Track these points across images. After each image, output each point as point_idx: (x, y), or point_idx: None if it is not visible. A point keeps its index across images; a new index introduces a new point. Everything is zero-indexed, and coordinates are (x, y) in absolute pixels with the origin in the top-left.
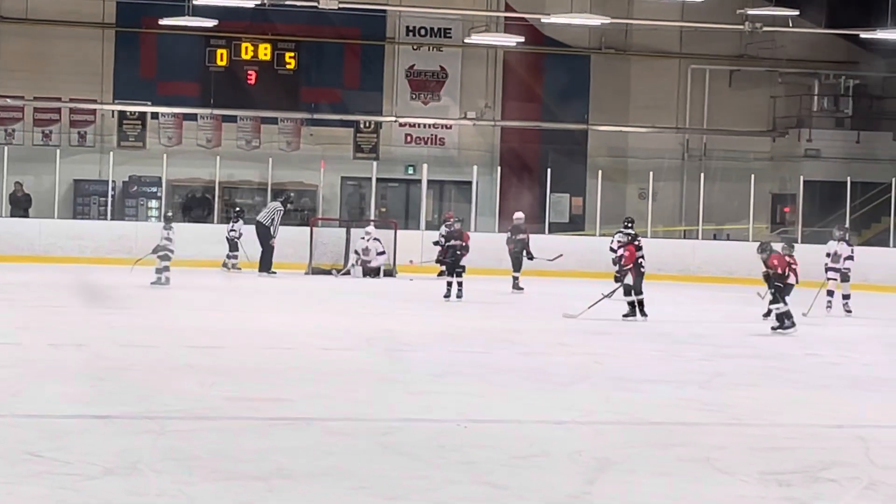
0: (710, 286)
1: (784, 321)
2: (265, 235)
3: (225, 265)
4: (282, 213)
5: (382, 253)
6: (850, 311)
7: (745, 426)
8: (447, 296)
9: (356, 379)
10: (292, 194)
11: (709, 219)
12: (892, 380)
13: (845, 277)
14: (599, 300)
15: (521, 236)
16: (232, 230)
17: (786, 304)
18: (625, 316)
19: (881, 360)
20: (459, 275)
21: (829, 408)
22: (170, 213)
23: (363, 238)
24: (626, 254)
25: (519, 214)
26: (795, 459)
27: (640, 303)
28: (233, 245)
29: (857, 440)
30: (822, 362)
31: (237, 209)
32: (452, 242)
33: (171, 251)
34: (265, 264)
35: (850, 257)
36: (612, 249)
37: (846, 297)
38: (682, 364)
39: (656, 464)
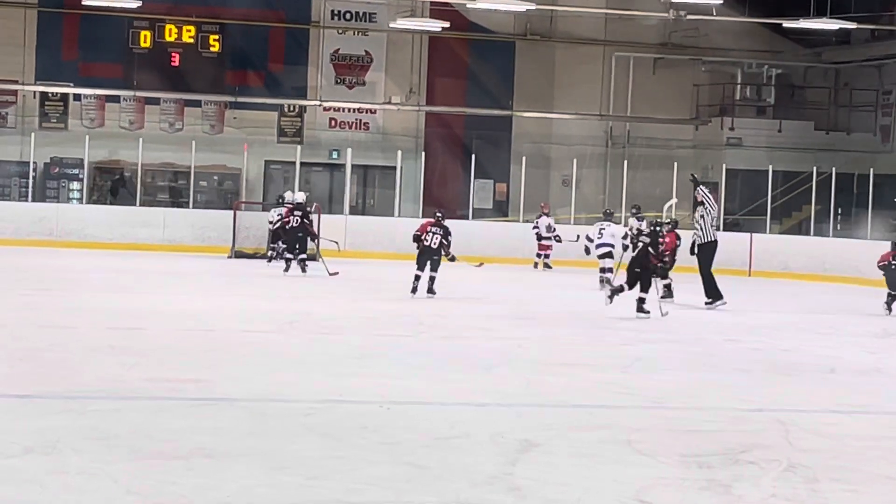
0: None
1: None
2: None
3: (272, 257)
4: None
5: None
6: None
7: (665, 409)
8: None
9: (277, 361)
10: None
11: (631, 206)
12: (810, 365)
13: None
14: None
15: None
16: (271, 220)
17: None
18: (662, 297)
19: (799, 346)
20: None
21: (748, 392)
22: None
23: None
24: (668, 240)
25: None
26: (716, 442)
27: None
28: (274, 235)
29: (776, 423)
30: (741, 348)
31: (280, 197)
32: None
33: None
34: None
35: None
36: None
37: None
38: (602, 349)
39: (577, 446)
